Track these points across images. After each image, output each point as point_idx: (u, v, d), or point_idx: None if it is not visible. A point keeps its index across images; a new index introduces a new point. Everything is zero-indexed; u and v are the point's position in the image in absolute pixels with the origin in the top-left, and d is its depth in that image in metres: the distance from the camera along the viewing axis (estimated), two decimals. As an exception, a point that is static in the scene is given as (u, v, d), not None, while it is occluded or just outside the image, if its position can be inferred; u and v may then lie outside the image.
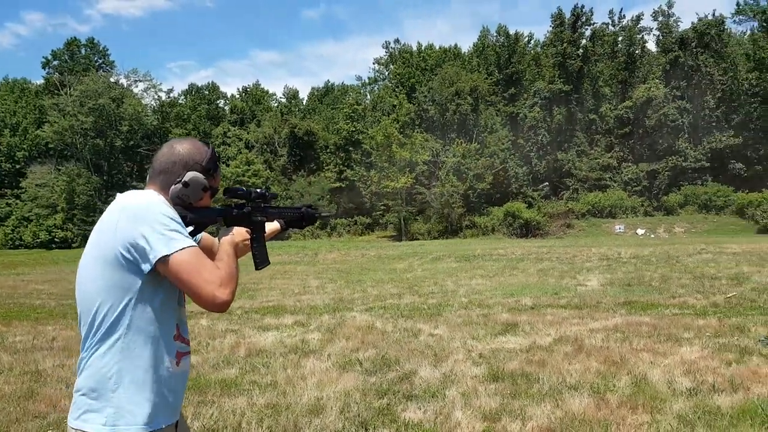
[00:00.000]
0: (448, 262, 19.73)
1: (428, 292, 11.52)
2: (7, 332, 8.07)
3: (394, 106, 48.29)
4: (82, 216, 44.52)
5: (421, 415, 4.08)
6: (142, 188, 1.67)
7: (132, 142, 49.89)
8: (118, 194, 1.61)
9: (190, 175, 1.60)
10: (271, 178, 47.16)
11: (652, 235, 34.89)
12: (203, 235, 1.95)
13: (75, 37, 55.76)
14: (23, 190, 48.21)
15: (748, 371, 4.66)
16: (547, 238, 36.20)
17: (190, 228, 1.66)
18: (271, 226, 2.04)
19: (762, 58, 41.50)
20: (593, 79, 47.48)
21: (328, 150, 50.26)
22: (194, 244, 1.52)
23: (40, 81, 55.48)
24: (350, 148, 48.95)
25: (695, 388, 4.30)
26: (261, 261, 1.89)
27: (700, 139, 43.74)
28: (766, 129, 41.54)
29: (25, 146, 51.47)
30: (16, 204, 48.63)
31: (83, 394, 1.51)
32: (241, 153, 48.29)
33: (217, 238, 1.80)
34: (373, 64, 58.67)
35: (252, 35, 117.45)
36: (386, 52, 57.25)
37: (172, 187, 1.61)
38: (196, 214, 1.66)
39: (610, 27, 50.08)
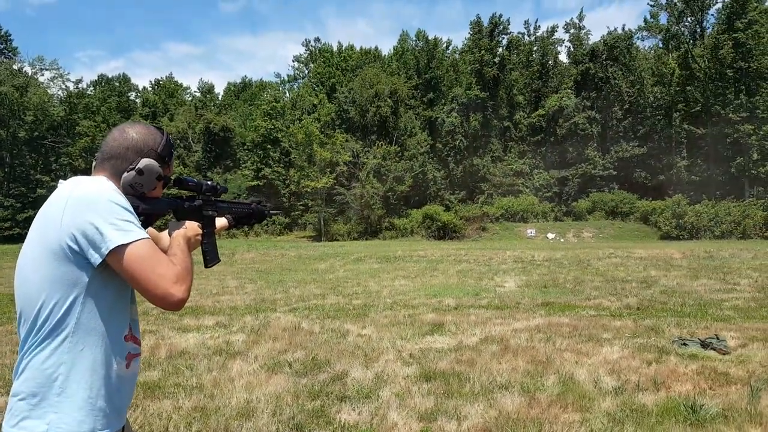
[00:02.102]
0: (369, 263, 19.77)
1: (352, 292, 11.46)
2: None
3: (315, 105, 47.92)
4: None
5: (357, 416, 4.01)
6: (48, 185, 1.48)
7: (37, 133, 46.07)
8: (62, 181, 1.46)
9: (144, 162, 1.48)
10: (184, 174, 45.24)
11: (562, 240, 36.93)
12: (148, 229, 1.78)
13: (-31, 17, 50.70)
14: None
15: (667, 370, 4.95)
16: (464, 240, 37.34)
17: (141, 219, 1.52)
18: (220, 222, 1.95)
19: (663, 72, 45.17)
20: (508, 87, 49.62)
21: (245, 147, 49.00)
22: (147, 236, 1.40)
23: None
24: (268, 146, 47.99)
25: (620, 387, 4.50)
26: (211, 258, 1.80)
27: (608, 148, 46.92)
28: (668, 140, 45.26)
29: None
30: None
31: (22, 399, 1.37)
32: (152, 148, 45.94)
33: (164, 232, 1.68)
34: (293, 61, 57.86)
35: (166, 26, 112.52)
36: (306, 50, 56.70)
37: (125, 174, 1.48)
38: (148, 204, 1.53)
39: (526, 37, 52.62)
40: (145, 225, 1.57)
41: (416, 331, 6.98)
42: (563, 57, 52.61)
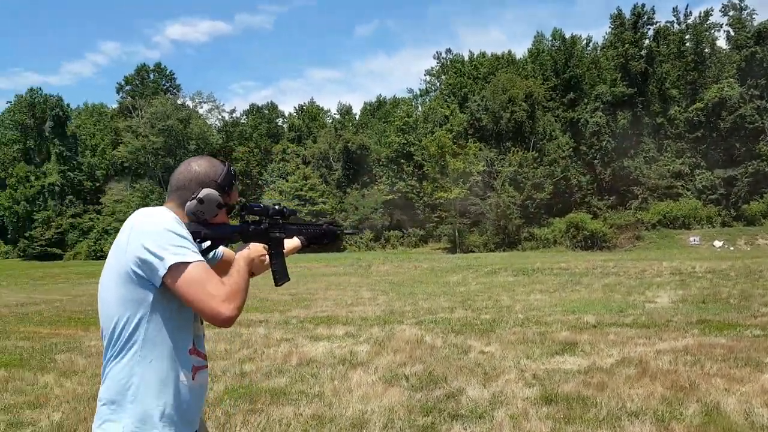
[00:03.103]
0: (504, 275, 19.20)
1: (482, 306, 11.17)
2: (84, 337, 8.54)
3: (447, 116, 47.97)
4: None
5: (467, 437, 3.86)
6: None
7: (199, 161, 52.13)
8: (132, 213, 1.64)
9: (204, 192, 1.63)
10: (326, 191, 47.88)
11: (732, 248, 32.82)
12: (225, 251, 1.97)
13: (144, 63, 59.43)
14: (103, 205, 51.52)
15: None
16: (614, 251, 34.77)
17: (207, 243, 1.72)
18: (291, 243, 2.08)
19: None
20: (659, 81, 45.45)
21: (380, 163, 50.57)
22: (202, 259, 1.52)
23: (115, 105, 59.13)
24: (402, 161, 49.02)
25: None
26: (280, 277, 1.89)
27: (783, 141, 40.84)
28: None
29: (103, 165, 54.97)
30: (98, 218, 51.85)
31: (104, 404, 1.55)
32: (299, 168, 49.40)
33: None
34: (425, 75, 58.61)
35: (308, 54, 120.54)
36: (438, 63, 57.14)
37: (188, 203, 1.64)
38: (211, 230, 1.67)
39: (676, 25, 47.95)
40: (211, 249, 1.74)
41: (545, 350, 6.58)
42: (721, 43, 47.06)
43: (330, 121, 59.35)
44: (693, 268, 17.29)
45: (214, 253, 1.91)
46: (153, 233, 1.49)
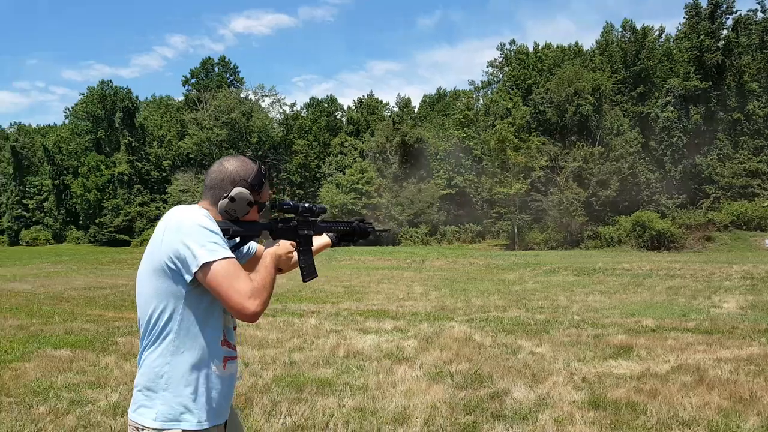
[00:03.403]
0: (564, 275, 18.71)
1: (537, 306, 10.95)
2: None
3: (509, 109, 46.96)
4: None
5: (508, 438, 3.82)
6: (283, 192, 1.72)
7: (260, 153, 53.67)
8: (169, 210, 1.72)
9: (236, 191, 1.69)
10: (382, 185, 48.05)
11: (811, 251, 30.53)
12: (258, 247, 2.04)
13: (209, 57, 61.07)
14: (169, 195, 53.76)
15: None
16: (682, 252, 33.12)
17: (237, 240, 1.77)
18: (321, 240, 2.17)
19: None
20: (737, 74, 42.71)
21: (438, 157, 50.20)
22: (232, 255, 1.59)
23: (181, 98, 61.50)
24: (461, 154, 48.44)
25: None
26: (308, 273, 1.94)
27: None
28: None
29: (169, 156, 57.37)
30: (164, 207, 54.23)
31: (139, 390, 1.64)
32: (355, 162, 49.80)
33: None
34: (487, 67, 57.50)
35: (369, 47, 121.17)
36: (501, 54, 55.92)
37: (220, 201, 1.70)
38: (241, 227, 1.73)
39: (759, 14, 44.83)
40: (241, 245, 1.80)
41: (598, 353, 6.40)
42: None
43: (388, 114, 59.36)
44: (767, 273, 16.24)
45: (247, 249, 1.98)
46: (187, 230, 1.56)
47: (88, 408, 4.45)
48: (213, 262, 1.53)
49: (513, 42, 55.32)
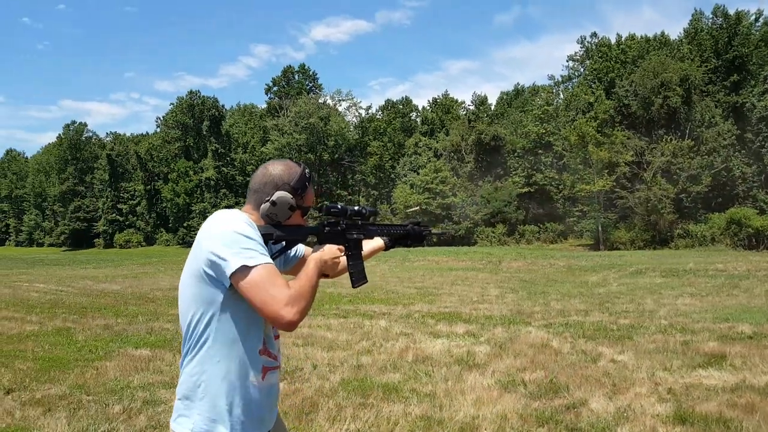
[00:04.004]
0: (651, 276, 17.62)
1: (621, 310, 10.35)
2: None
3: (590, 103, 44.99)
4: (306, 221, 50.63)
5: (583, 454, 3.59)
6: (345, 198, 1.72)
7: (337, 156, 55.03)
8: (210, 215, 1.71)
9: (277, 195, 1.67)
10: (457, 184, 47.52)
11: None
12: (306, 250, 2.01)
13: (290, 65, 63.40)
14: (252, 198, 56.28)
15: None
16: (785, 250, 30.32)
17: (282, 245, 1.74)
18: (373, 244, 2.11)
19: None
20: None
21: (515, 154, 48.95)
22: (269, 261, 1.54)
23: (264, 105, 64.03)
24: (540, 151, 46.98)
25: None
26: (357, 279, 1.89)
27: None
28: None
29: (253, 161, 60.04)
30: (248, 211, 56.95)
31: (179, 399, 1.63)
32: (429, 161, 49.60)
33: None
34: (567, 61, 55.51)
35: (445, 46, 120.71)
36: (581, 48, 53.77)
37: (262, 205, 1.68)
38: (284, 231, 1.70)
39: None
40: (285, 250, 1.78)
41: (686, 361, 5.92)
42: None
43: (464, 112, 58.72)
44: None
45: (295, 253, 1.95)
46: (222, 236, 1.53)
47: (160, 408, 4.58)
48: (248, 268, 1.49)
49: (594, 34, 53.24)
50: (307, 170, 1.75)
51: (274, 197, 1.66)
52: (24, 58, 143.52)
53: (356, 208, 1.86)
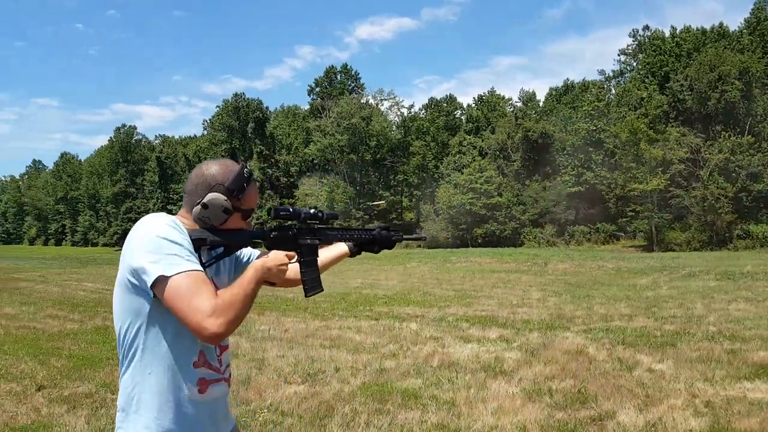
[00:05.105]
0: (705, 279, 16.76)
1: (668, 315, 9.85)
2: (257, 321, 9.26)
3: (642, 98, 43.33)
4: (339, 222, 50.68)
5: (604, 471, 3.39)
6: (387, 199, 1.61)
7: (379, 156, 55.07)
8: None
9: (209, 197, 1.55)
10: (503, 183, 46.69)
11: None
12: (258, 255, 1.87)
13: (332, 65, 63.91)
14: (297, 198, 57.29)
15: None
16: None
17: (220, 251, 1.62)
18: (335, 250, 2.00)
19: None
20: None
21: (564, 152, 47.63)
22: (194, 268, 1.42)
23: (307, 106, 64.93)
24: (590, 149, 45.56)
25: None
26: (311, 287, 1.75)
27: None
28: None
29: (296, 162, 61.10)
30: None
31: (118, 411, 1.55)
32: (474, 161, 48.93)
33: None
34: (619, 55, 53.65)
35: (492, 42, 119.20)
36: (634, 41, 51.90)
37: (194, 208, 1.57)
38: (221, 236, 1.58)
39: None
40: (224, 256, 1.64)
41: (731, 372, 5.56)
42: None
43: (510, 109, 57.64)
44: None
45: (248, 258, 1.83)
46: (145, 241, 1.43)
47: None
48: (168, 276, 1.38)
49: (647, 27, 51.24)
50: (246, 169, 1.63)
51: (205, 199, 1.55)
52: (77, 63, 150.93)
53: (311, 210, 1.72)
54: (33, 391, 5.23)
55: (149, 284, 1.40)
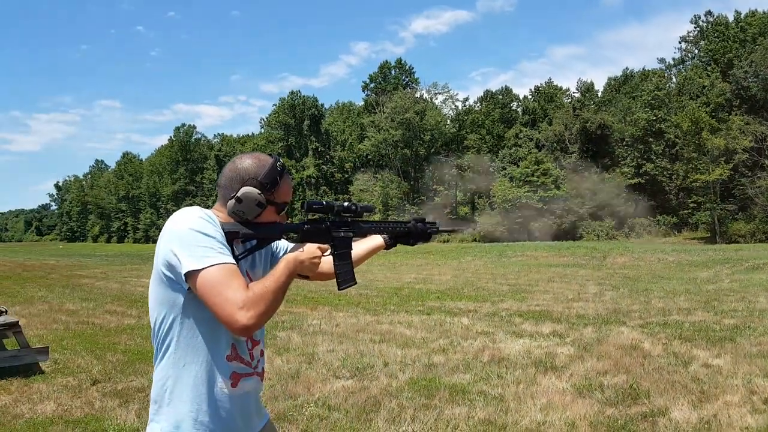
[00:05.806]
0: (769, 272, 15.97)
1: (729, 309, 9.49)
2: (309, 315, 9.48)
3: (704, 87, 41.18)
4: (394, 216, 50.79)
5: (652, 467, 3.40)
6: (441, 194, 1.62)
7: (433, 150, 54.86)
8: None
9: (243, 191, 1.56)
10: (560, 176, 45.55)
11: None
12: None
13: (387, 60, 63.89)
14: (351, 194, 57.75)
15: None
16: None
17: (254, 243, 1.63)
18: (370, 242, 1.98)
19: None
20: None
21: (624, 143, 45.89)
22: (227, 261, 1.44)
23: (361, 102, 65.43)
24: (650, 139, 43.71)
25: None
26: (344, 280, 1.75)
27: None
28: None
29: (351, 158, 61.65)
30: (348, 207, 58.81)
31: (151, 403, 1.57)
32: (531, 153, 47.93)
33: None
34: (680, 42, 51.10)
35: (550, 32, 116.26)
36: (695, 28, 49.32)
37: (228, 202, 1.58)
38: (254, 229, 1.60)
39: None
40: (258, 248, 1.65)
41: (795, 369, 5.35)
42: None
43: (568, 100, 55.98)
44: None
45: (285, 251, 1.83)
46: (177, 235, 1.45)
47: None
48: (201, 269, 1.40)
49: (709, 13, 48.54)
50: (279, 162, 1.63)
51: (239, 193, 1.56)
52: (139, 65, 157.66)
53: (345, 204, 1.71)
54: (88, 385, 5.38)
55: (182, 275, 1.43)
